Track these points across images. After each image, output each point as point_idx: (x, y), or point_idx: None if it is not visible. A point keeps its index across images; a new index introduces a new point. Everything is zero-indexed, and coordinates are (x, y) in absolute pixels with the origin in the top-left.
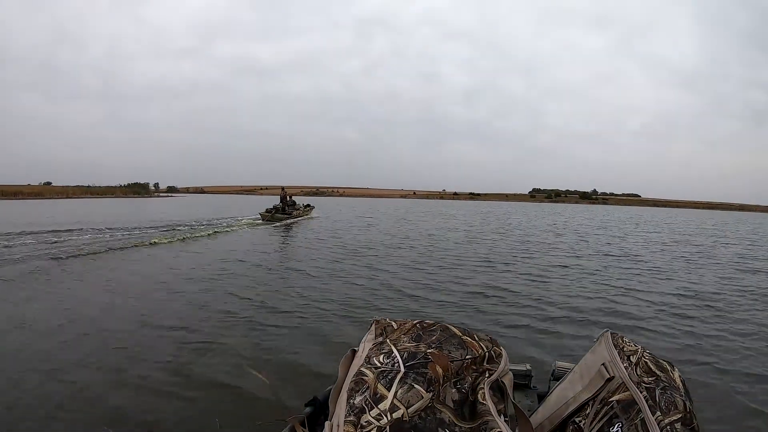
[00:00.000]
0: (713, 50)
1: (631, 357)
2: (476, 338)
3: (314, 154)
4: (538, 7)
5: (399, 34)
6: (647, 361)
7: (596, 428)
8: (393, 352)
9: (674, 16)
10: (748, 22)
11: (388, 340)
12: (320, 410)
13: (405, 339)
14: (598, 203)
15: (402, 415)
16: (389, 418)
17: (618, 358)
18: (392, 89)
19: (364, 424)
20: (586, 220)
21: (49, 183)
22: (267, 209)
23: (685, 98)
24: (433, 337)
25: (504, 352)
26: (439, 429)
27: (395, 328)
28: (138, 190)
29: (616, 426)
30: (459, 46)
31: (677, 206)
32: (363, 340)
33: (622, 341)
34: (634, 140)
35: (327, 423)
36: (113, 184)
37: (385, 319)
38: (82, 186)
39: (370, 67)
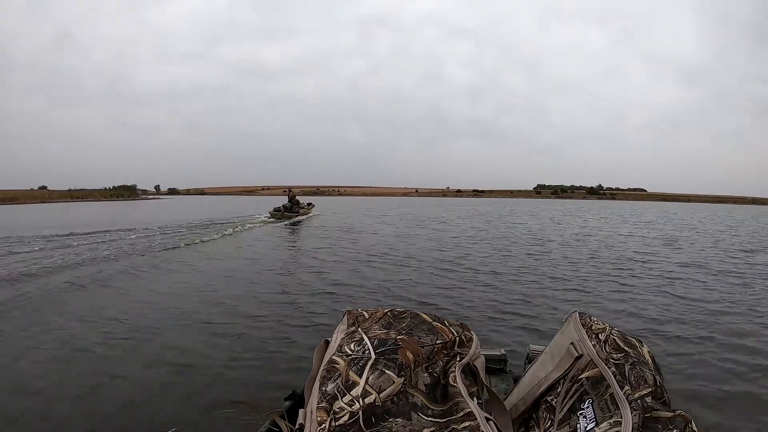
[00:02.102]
0: (716, 44)
1: (600, 335)
2: (447, 323)
3: (317, 154)
4: (540, 2)
5: (402, 33)
6: (615, 338)
7: (567, 405)
8: (364, 340)
9: (675, 10)
10: (750, 16)
11: (359, 329)
12: (299, 404)
13: (376, 327)
14: (607, 198)
15: (374, 400)
16: (361, 404)
17: (586, 337)
18: (396, 88)
19: (337, 410)
20: (614, 222)
21: (44, 187)
22: (275, 208)
23: (687, 92)
24: (404, 324)
25: (475, 336)
26: (412, 412)
27: (367, 317)
28: (122, 192)
29: (587, 402)
30: (462, 44)
31: (688, 200)
32: (336, 331)
33: (590, 320)
34: (637, 135)
35: (300, 411)
36: (108, 187)
37: (357, 309)
38: (62, 190)
39: (374, 67)
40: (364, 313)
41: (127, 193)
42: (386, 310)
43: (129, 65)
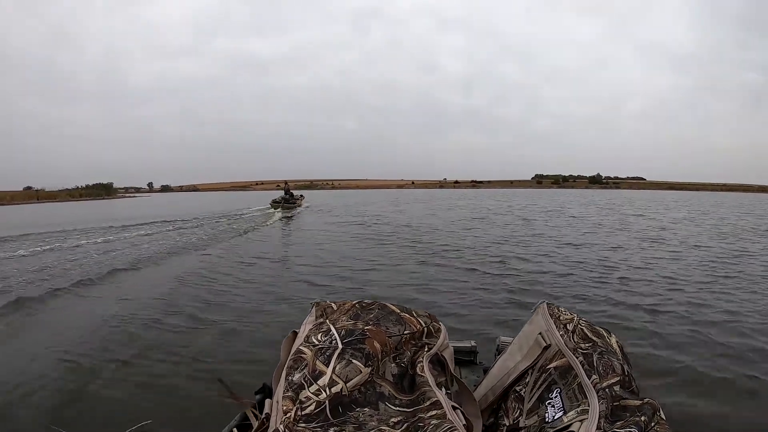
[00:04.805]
0: (710, 33)
1: (568, 325)
2: (414, 314)
3: (312, 147)
4: None
5: (395, 25)
6: (583, 328)
7: (536, 395)
8: (331, 330)
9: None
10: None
11: (327, 320)
12: (269, 395)
13: (344, 318)
14: (610, 188)
15: (341, 390)
16: (328, 393)
17: (554, 327)
18: (390, 80)
19: (303, 399)
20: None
21: (29, 187)
22: (274, 200)
23: (681, 81)
24: (371, 315)
25: (443, 327)
26: (379, 402)
27: (335, 309)
28: (91, 191)
29: (555, 391)
30: (455, 35)
31: (696, 189)
32: (304, 322)
33: (558, 310)
34: (633, 123)
35: (267, 401)
36: (80, 186)
37: (325, 301)
38: (31, 190)
39: (367, 59)
40: (333, 305)
41: (102, 192)
42: (354, 302)
43: (123, 62)
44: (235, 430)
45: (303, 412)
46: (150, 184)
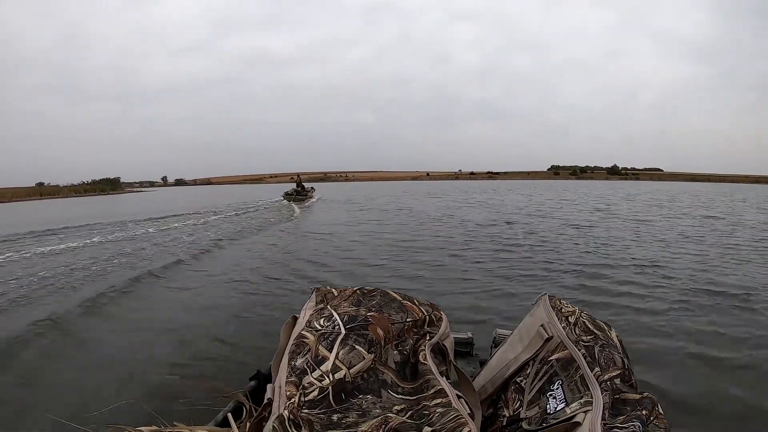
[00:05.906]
0: (725, 24)
1: (569, 318)
2: (416, 302)
3: (326, 140)
4: None
5: (408, 18)
6: (585, 321)
7: (537, 387)
8: (333, 316)
9: None
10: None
11: (328, 306)
12: (264, 383)
13: (345, 304)
14: (629, 179)
15: (344, 376)
16: (331, 379)
17: (556, 319)
18: (403, 73)
19: (306, 385)
20: None
21: (41, 183)
22: (286, 192)
23: (695, 71)
24: (373, 302)
25: (444, 316)
26: (382, 390)
27: (336, 295)
28: (95, 187)
29: (557, 383)
30: (467, 27)
31: (717, 180)
32: (304, 308)
33: (560, 303)
34: (647, 114)
35: (269, 386)
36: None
37: (326, 287)
38: (33, 187)
39: (380, 53)
40: (333, 291)
41: (107, 187)
42: (355, 288)
43: (136, 60)
44: (230, 415)
45: (306, 398)
46: (164, 178)
